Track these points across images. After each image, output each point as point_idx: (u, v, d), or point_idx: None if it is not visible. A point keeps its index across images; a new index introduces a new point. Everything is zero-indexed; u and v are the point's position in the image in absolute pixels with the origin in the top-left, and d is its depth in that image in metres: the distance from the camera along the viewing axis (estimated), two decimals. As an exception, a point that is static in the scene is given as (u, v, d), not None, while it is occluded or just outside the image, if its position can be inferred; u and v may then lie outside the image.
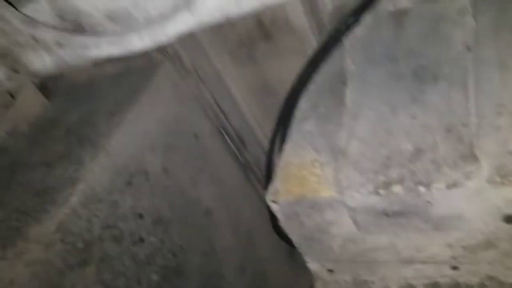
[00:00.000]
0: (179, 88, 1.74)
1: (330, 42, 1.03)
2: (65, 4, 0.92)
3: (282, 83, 1.79)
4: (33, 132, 1.73)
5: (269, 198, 0.94)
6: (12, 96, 1.73)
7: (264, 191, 1.99)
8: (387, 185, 0.86)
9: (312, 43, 1.50)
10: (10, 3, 0.93)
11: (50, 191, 1.36)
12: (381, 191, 0.86)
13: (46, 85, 1.75)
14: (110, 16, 0.91)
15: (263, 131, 1.99)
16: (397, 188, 0.85)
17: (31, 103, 1.81)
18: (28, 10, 0.94)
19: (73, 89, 1.80)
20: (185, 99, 1.75)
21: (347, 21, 1.02)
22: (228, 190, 1.91)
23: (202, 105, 1.80)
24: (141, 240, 1.49)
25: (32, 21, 0.86)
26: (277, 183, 0.96)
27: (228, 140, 1.88)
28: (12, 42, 1.02)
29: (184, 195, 1.70)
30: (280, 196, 0.94)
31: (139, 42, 0.80)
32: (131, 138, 1.52)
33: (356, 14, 1.02)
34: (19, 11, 0.90)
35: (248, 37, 1.64)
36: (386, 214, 0.91)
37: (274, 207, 0.95)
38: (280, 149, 1.26)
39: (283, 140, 1.23)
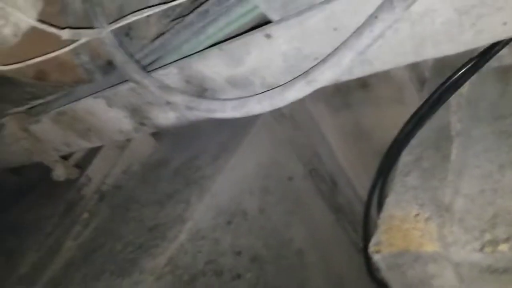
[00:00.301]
0: (275, 133, 1.84)
1: (436, 99, 1.06)
2: (192, 70, 1.05)
3: (377, 129, 1.84)
4: (144, 172, 1.92)
5: (372, 249, 0.98)
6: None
7: (355, 235, 2.01)
8: (493, 243, 0.87)
9: (411, 93, 1.53)
10: (143, 68, 1.07)
11: (161, 228, 1.50)
12: (487, 249, 0.87)
13: (157, 128, 1.94)
14: (231, 82, 1.02)
15: (355, 175, 2.02)
16: (503, 247, 0.86)
17: (143, 145, 2.01)
18: (160, 74, 1.08)
19: (179, 132, 1.98)
20: (281, 143, 1.85)
21: (453, 78, 1.05)
22: (320, 232, 1.95)
23: (296, 149, 1.89)
24: (239, 276, 1.57)
25: (166, 86, 0.99)
26: (380, 235, 0.99)
27: (321, 183, 1.93)
28: (144, 101, 1.16)
29: (278, 235, 1.77)
30: (383, 247, 0.98)
31: (258, 106, 0.89)
32: (232, 180, 1.63)
33: (462, 71, 1.05)
34: (152, 76, 1.04)
35: (345, 84, 1.71)
36: (490, 270, 0.91)
37: (377, 257, 0.99)
38: (380, 199, 1.30)
39: (382, 192, 1.27)
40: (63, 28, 0.93)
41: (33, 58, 0.93)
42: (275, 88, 0.87)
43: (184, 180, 1.68)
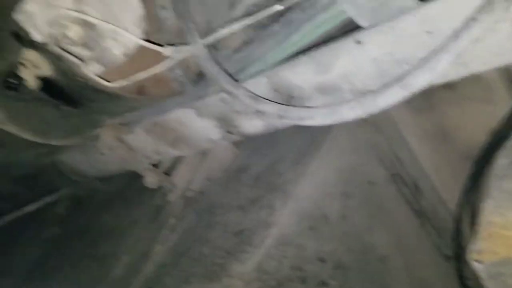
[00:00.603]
0: (355, 136, 1.82)
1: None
2: (280, 78, 1.08)
3: (462, 131, 1.77)
4: (226, 177, 1.97)
5: (472, 257, 0.95)
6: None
7: (440, 241, 1.95)
8: None
9: (501, 93, 1.46)
10: (234, 79, 1.12)
11: (247, 233, 1.54)
12: None
13: (236, 134, 1.99)
14: (319, 89, 1.03)
15: (440, 179, 1.95)
16: None
17: (224, 151, 2.07)
18: (249, 84, 1.12)
19: (257, 138, 2.01)
20: (361, 147, 1.83)
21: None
22: (403, 237, 1.90)
23: (377, 153, 1.86)
24: (324, 283, 1.57)
25: (256, 96, 1.03)
26: (480, 242, 0.96)
27: (403, 187, 1.88)
28: (231, 110, 1.21)
29: (360, 241, 1.75)
30: (484, 255, 0.94)
31: (350, 113, 0.90)
32: (314, 185, 1.64)
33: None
34: (243, 86, 1.08)
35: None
36: None
37: (477, 266, 0.95)
38: (472, 205, 1.26)
39: (475, 197, 1.22)
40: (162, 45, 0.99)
41: (135, 74, 1.01)
42: (367, 94, 0.88)
43: (266, 185, 1.70)
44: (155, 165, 1.75)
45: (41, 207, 2.54)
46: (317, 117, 0.93)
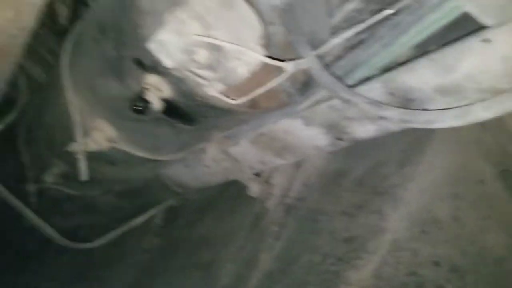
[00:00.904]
0: (460, 134, 1.74)
1: None
2: (397, 82, 1.06)
3: None
4: (323, 183, 1.96)
5: None
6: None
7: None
8: None
9: None
10: (350, 87, 1.11)
11: (359, 239, 1.52)
12: None
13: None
14: (440, 90, 1.00)
15: (557, 173, 1.82)
16: None
17: (318, 156, 2.06)
18: (362, 89, 1.11)
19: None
20: (467, 145, 1.74)
21: None
22: (519, 237, 1.79)
23: (483, 149, 1.77)
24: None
25: (376, 102, 1.02)
26: None
27: (515, 184, 1.78)
28: (342, 117, 1.21)
29: (474, 242, 1.67)
30: None
31: (484, 113, 0.86)
32: (422, 188, 1.59)
33: None
34: (360, 93, 1.07)
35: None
36: None
37: None
38: None
39: None
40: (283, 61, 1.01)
41: (254, 90, 1.04)
42: (505, 93, 0.84)
43: (371, 189, 1.68)
44: (257, 174, 1.78)
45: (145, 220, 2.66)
46: (447, 119, 0.90)
